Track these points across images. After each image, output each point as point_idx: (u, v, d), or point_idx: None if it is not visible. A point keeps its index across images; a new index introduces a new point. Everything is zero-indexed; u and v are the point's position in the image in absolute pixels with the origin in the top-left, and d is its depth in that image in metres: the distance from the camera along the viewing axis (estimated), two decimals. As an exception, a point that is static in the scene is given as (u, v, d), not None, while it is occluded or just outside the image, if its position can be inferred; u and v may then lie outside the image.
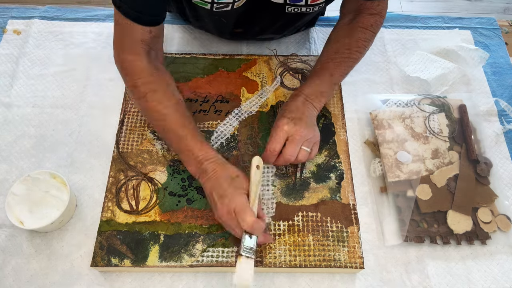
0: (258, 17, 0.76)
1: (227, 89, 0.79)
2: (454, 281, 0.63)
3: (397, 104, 0.77)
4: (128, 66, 0.66)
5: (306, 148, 0.65)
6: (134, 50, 0.65)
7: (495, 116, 0.80)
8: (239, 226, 0.57)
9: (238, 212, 0.57)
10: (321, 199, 0.67)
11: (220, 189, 0.59)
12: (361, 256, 0.62)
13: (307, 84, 0.71)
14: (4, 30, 0.88)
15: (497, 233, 0.66)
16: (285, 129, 0.65)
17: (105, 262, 0.60)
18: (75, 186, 0.70)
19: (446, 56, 0.86)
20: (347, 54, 0.71)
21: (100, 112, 0.78)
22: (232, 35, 0.86)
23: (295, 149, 0.64)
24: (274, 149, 0.65)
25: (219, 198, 0.59)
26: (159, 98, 0.65)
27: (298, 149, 0.65)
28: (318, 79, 0.71)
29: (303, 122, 0.65)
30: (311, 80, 0.71)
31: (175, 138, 0.64)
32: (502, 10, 2.13)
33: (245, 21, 0.77)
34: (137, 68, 0.65)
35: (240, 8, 0.71)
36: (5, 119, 0.76)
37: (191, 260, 0.61)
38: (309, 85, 0.71)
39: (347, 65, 0.72)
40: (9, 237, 0.65)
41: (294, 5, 0.71)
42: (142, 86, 0.65)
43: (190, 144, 0.63)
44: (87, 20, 0.91)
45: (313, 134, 0.66)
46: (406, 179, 0.69)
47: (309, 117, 0.67)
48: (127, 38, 0.65)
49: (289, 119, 0.66)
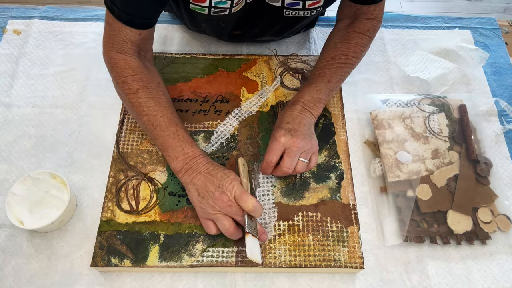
0: (256, 21, 0.76)
1: (227, 89, 0.79)
2: (454, 281, 0.63)
3: (397, 104, 0.77)
4: (117, 63, 0.66)
5: (304, 159, 0.65)
6: (123, 49, 0.66)
7: (495, 116, 0.80)
8: (239, 212, 0.59)
9: (239, 196, 0.58)
10: (321, 199, 0.67)
11: (216, 181, 0.60)
12: (361, 256, 0.62)
13: (304, 91, 0.71)
14: (4, 30, 0.88)
15: (497, 233, 0.66)
16: (281, 141, 0.64)
17: (105, 262, 0.60)
18: (75, 186, 0.70)
19: (446, 56, 0.86)
20: (344, 59, 0.71)
21: (100, 112, 0.78)
22: (230, 38, 0.86)
23: (293, 161, 0.64)
24: (271, 160, 0.65)
25: (217, 188, 0.59)
26: (151, 94, 0.65)
27: (295, 161, 0.64)
28: (315, 86, 0.70)
29: (300, 133, 0.65)
30: (309, 87, 0.71)
31: (166, 134, 0.64)
32: (502, 10, 2.13)
33: (243, 24, 0.77)
34: (127, 65, 0.66)
35: (237, 13, 0.71)
36: (5, 119, 0.76)
37: (191, 260, 0.61)
38: (306, 93, 0.70)
39: (344, 71, 0.72)
40: (9, 237, 0.65)
41: (292, 9, 0.71)
42: (133, 83, 0.65)
43: (182, 140, 0.64)
44: (87, 20, 0.91)
45: (311, 145, 0.66)
46: (406, 179, 0.69)
47: (307, 126, 0.67)
48: (116, 38, 0.65)
49: (286, 131, 0.65)
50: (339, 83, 0.73)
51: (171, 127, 0.64)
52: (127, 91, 0.65)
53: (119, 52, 0.66)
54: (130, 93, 0.65)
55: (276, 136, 0.65)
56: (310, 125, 0.68)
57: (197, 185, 0.61)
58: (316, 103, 0.69)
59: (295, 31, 0.88)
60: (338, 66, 0.71)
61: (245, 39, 0.87)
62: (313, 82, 0.71)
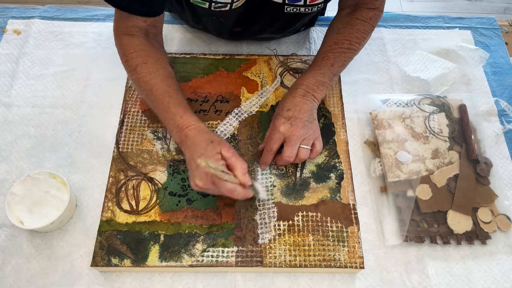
0: (257, 17, 0.76)
1: (227, 89, 0.79)
2: (454, 281, 0.63)
3: (397, 104, 0.77)
4: (124, 44, 0.68)
5: (305, 146, 0.65)
6: (129, 32, 0.68)
7: (495, 116, 0.80)
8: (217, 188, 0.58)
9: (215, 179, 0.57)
10: (321, 199, 0.67)
11: (198, 153, 0.59)
12: (361, 256, 0.62)
13: (308, 74, 0.71)
14: (4, 30, 0.88)
15: (497, 233, 0.66)
16: (281, 130, 0.65)
17: (105, 262, 0.60)
18: (75, 186, 0.70)
19: (446, 56, 0.86)
20: (347, 45, 0.71)
21: (100, 112, 0.78)
22: (231, 35, 0.86)
23: (293, 150, 0.65)
24: (271, 149, 0.65)
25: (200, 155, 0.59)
26: (148, 69, 0.67)
27: (295, 150, 0.65)
28: (319, 70, 0.71)
29: (300, 121, 0.65)
30: (312, 71, 0.71)
31: (161, 107, 0.65)
32: (502, 10, 2.13)
33: (244, 21, 0.77)
34: (130, 44, 0.68)
35: (238, 9, 0.71)
36: (5, 119, 0.76)
37: (191, 260, 0.61)
38: (309, 76, 0.71)
39: (347, 56, 0.72)
40: (9, 237, 0.65)
41: (293, 5, 0.71)
42: (133, 60, 0.67)
43: (173, 111, 0.64)
44: (87, 20, 0.91)
45: (312, 131, 0.66)
46: (406, 179, 0.69)
47: (308, 112, 0.67)
48: (123, 23, 0.67)
49: (286, 119, 0.66)
50: (342, 68, 0.73)
51: (164, 99, 0.65)
52: (128, 68, 0.68)
53: (126, 34, 0.68)
54: (131, 70, 0.67)
55: (275, 125, 0.66)
56: (312, 111, 0.68)
57: (187, 158, 0.62)
58: (320, 86, 0.70)
59: (296, 29, 0.88)
60: (341, 51, 0.71)
61: (245, 36, 0.87)
62: (316, 65, 0.72)
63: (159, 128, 0.74)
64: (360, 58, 0.87)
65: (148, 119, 0.75)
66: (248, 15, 0.74)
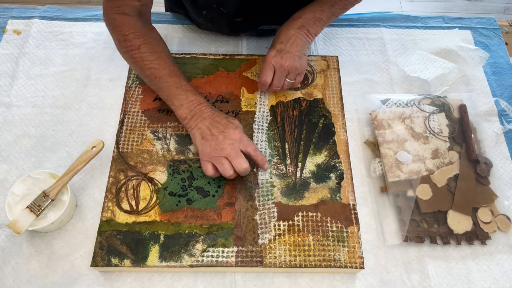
0: (257, 5, 0.76)
1: (227, 89, 0.79)
2: (454, 281, 0.63)
3: (397, 104, 0.77)
4: (118, 23, 0.68)
5: (289, 80, 0.73)
6: (123, 11, 0.68)
7: (495, 116, 0.80)
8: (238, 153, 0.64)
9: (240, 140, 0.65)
10: (321, 199, 0.67)
11: (221, 126, 0.65)
12: (361, 256, 0.62)
13: (307, 9, 0.73)
14: (4, 30, 0.88)
15: (497, 233, 0.66)
16: (272, 62, 0.71)
17: (105, 262, 0.60)
18: (75, 186, 0.70)
19: (446, 56, 0.86)
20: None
21: (100, 112, 0.78)
22: (231, 28, 0.83)
23: (280, 81, 0.72)
24: (265, 80, 0.72)
25: (221, 133, 0.64)
26: (152, 49, 0.69)
27: (282, 81, 0.73)
28: (319, 7, 0.72)
29: (290, 55, 0.70)
30: (312, 6, 0.73)
31: (170, 84, 0.68)
32: (502, 10, 2.13)
33: (245, 9, 0.76)
34: (128, 23, 0.68)
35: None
36: (5, 119, 0.76)
37: (191, 260, 0.61)
38: (308, 10, 0.72)
39: (348, 1, 0.74)
40: (9, 237, 0.65)
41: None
42: (135, 39, 0.68)
43: (185, 88, 0.68)
44: (87, 20, 0.91)
45: (298, 65, 0.71)
46: (406, 179, 0.69)
47: (299, 47, 0.71)
48: (115, 2, 0.67)
49: (277, 52, 0.71)
50: (341, 11, 0.75)
51: (174, 77, 0.68)
52: (130, 47, 0.68)
53: (120, 13, 0.68)
54: (133, 49, 0.68)
55: (267, 57, 0.72)
56: (304, 45, 0.72)
57: (201, 129, 0.65)
58: (316, 22, 0.72)
59: None
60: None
61: (246, 28, 0.85)
62: (317, 3, 0.73)
63: (159, 128, 0.74)
64: (360, 58, 0.87)
65: (148, 119, 0.75)
66: (249, 2, 0.74)
